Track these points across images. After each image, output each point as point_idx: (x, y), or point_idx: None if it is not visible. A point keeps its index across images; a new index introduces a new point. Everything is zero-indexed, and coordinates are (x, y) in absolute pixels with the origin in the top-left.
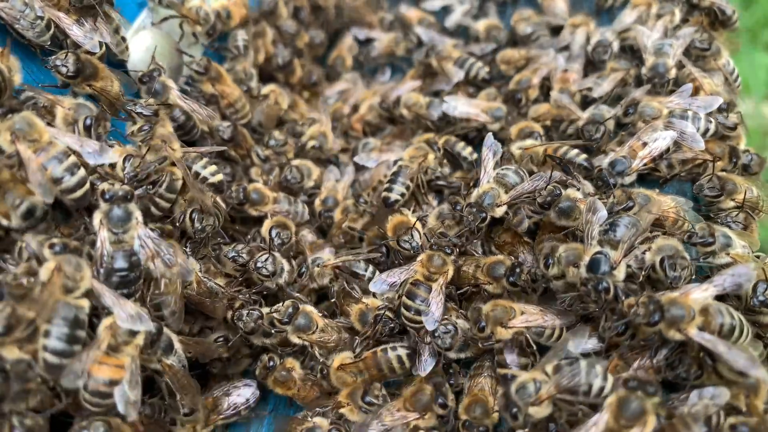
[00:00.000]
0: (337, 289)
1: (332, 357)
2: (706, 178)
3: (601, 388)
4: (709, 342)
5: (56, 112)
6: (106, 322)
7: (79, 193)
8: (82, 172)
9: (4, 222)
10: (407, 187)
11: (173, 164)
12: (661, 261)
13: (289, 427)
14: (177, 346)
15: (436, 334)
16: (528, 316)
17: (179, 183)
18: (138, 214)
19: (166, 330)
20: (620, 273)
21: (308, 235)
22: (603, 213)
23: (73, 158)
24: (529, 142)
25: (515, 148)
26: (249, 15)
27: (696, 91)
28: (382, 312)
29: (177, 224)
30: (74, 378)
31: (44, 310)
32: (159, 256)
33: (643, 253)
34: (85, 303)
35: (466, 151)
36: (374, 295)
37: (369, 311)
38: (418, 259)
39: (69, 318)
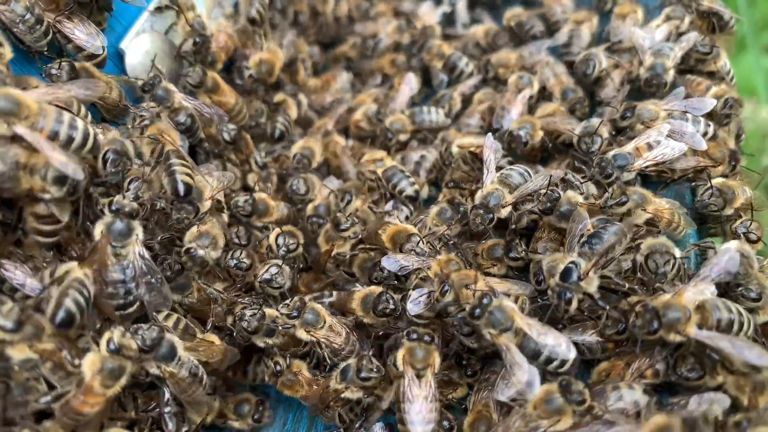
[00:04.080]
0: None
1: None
2: (707, 194)
3: None
4: (710, 339)
5: None
6: (92, 364)
7: (89, 144)
8: (81, 123)
9: (47, 195)
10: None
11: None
12: (646, 257)
13: None
14: (181, 353)
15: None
16: None
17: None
18: (139, 231)
19: (168, 336)
20: (590, 285)
21: None
22: (586, 222)
23: (68, 114)
24: (467, 140)
25: (454, 146)
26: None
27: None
28: (386, 293)
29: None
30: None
31: None
32: (146, 277)
33: (633, 258)
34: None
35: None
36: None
37: (371, 294)
38: (438, 257)
39: None
